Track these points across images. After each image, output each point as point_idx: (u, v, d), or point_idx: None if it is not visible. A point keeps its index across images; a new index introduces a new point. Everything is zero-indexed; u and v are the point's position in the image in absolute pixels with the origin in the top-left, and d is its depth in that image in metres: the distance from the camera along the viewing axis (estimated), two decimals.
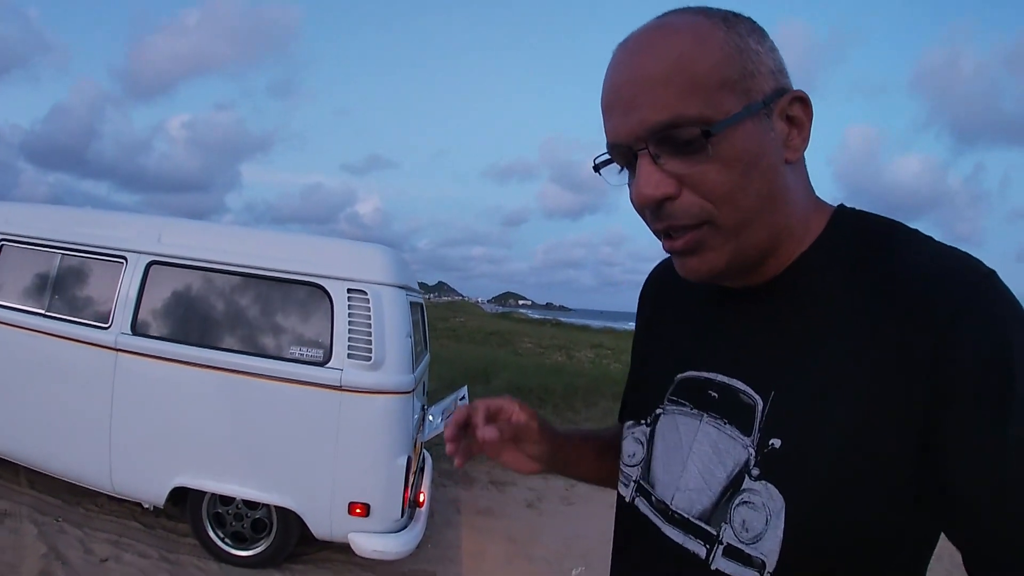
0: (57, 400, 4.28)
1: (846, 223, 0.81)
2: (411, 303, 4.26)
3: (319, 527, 3.92)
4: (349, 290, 3.84)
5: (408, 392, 3.93)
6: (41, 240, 4.50)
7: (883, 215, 0.80)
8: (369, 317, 3.80)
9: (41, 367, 4.35)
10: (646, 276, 1.11)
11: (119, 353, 4.08)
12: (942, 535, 0.74)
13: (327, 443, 3.80)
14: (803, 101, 0.77)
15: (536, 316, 61.42)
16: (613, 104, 0.75)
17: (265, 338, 3.99)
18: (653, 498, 0.88)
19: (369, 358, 3.77)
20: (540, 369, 12.85)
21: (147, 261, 4.15)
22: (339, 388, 3.78)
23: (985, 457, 0.65)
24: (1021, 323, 0.68)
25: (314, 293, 3.91)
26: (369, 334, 3.79)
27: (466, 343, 17.38)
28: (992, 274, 0.70)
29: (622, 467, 0.96)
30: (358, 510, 3.82)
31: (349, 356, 3.79)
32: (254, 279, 4.04)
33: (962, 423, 0.65)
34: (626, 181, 0.81)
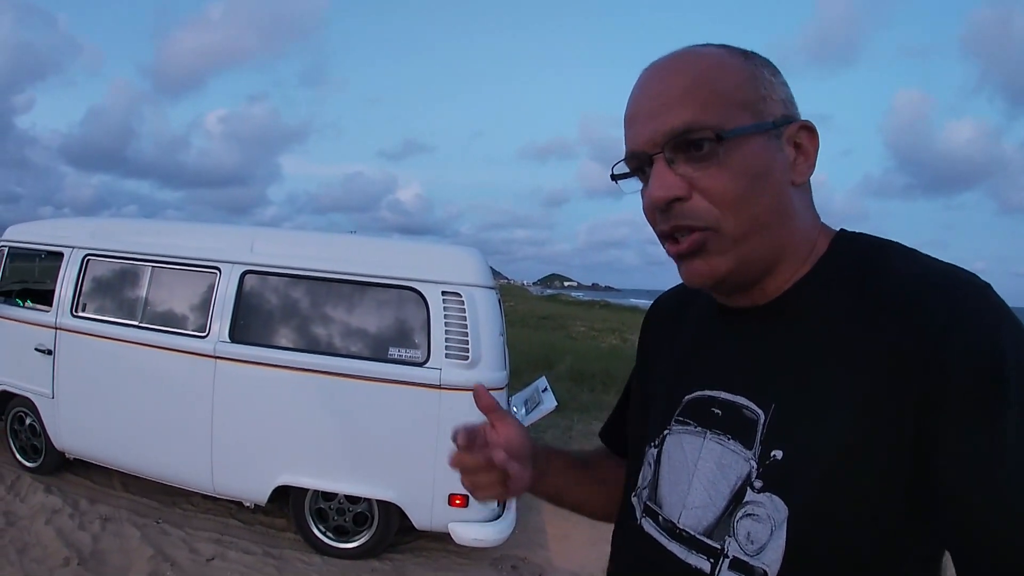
0: (156, 408, 4.46)
1: (846, 246, 0.85)
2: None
3: (420, 519, 4.11)
4: (444, 292, 4.01)
5: (503, 388, 4.12)
6: (130, 253, 4.66)
7: (882, 237, 0.84)
8: (464, 318, 3.97)
9: (136, 377, 4.53)
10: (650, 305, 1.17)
11: (218, 360, 4.26)
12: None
13: (428, 439, 3.97)
14: (810, 130, 0.83)
15: (584, 298, 60.76)
16: (636, 115, 0.82)
17: (363, 341, 4.17)
18: (660, 518, 0.90)
19: (466, 357, 3.95)
20: (598, 353, 13.00)
21: (241, 271, 4.31)
22: (438, 387, 3.95)
23: (977, 464, 0.67)
24: (1013, 333, 0.69)
25: (408, 296, 4.08)
26: (465, 334, 3.96)
27: (519, 328, 17.38)
28: (986, 287, 0.72)
29: (637, 490, 0.98)
30: (458, 501, 4.01)
31: (447, 356, 3.97)
32: (347, 284, 4.21)
33: (955, 431, 0.68)
34: (639, 190, 0.87)
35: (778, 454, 0.77)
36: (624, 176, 0.87)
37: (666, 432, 0.93)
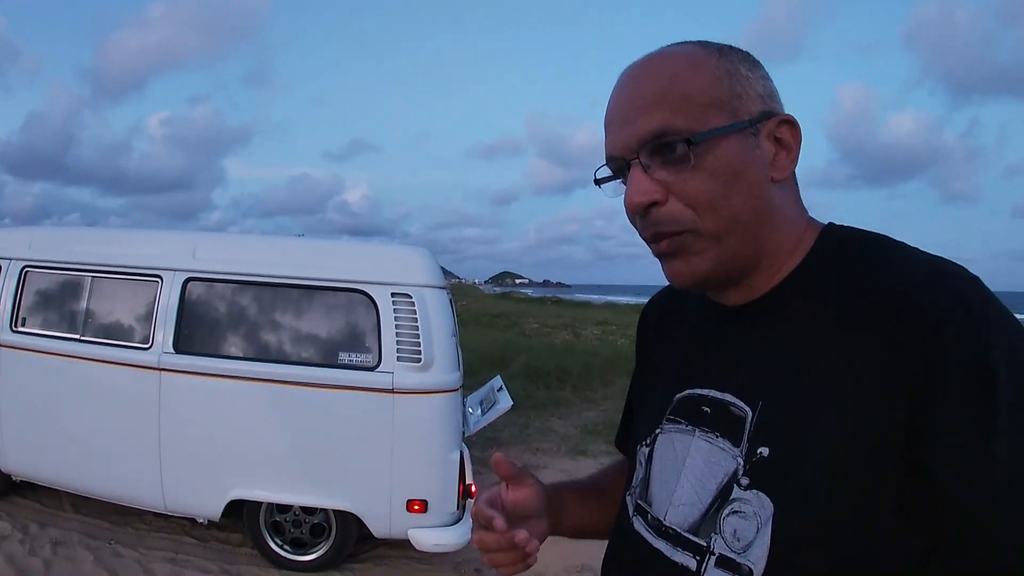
0: (101, 425, 4.31)
1: (833, 240, 0.84)
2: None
3: (379, 527, 4.02)
4: (393, 294, 3.92)
5: (457, 389, 4.04)
6: (69, 264, 4.50)
7: (870, 230, 0.84)
8: (415, 319, 3.89)
9: (80, 393, 4.38)
10: (645, 304, 1.16)
11: (163, 372, 4.12)
12: None
13: (383, 445, 3.90)
14: (791, 124, 0.82)
15: (535, 295, 61.55)
16: (612, 120, 0.83)
17: (312, 347, 4.07)
18: (649, 516, 0.90)
19: (419, 360, 3.86)
20: (552, 350, 13.02)
21: (184, 278, 4.18)
22: (391, 391, 3.87)
23: (968, 464, 0.66)
24: (1003, 328, 0.69)
25: (357, 299, 3.99)
26: (417, 336, 3.88)
27: (473, 327, 17.45)
28: (975, 281, 0.72)
29: (630, 489, 0.98)
30: (416, 507, 3.93)
31: (399, 359, 3.88)
32: (294, 289, 4.11)
33: (946, 431, 0.67)
34: (621, 193, 0.86)
35: (764, 451, 0.76)
36: (607, 180, 0.88)
37: (658, 431, 0.93)
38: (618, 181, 0.86)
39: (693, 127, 0.77)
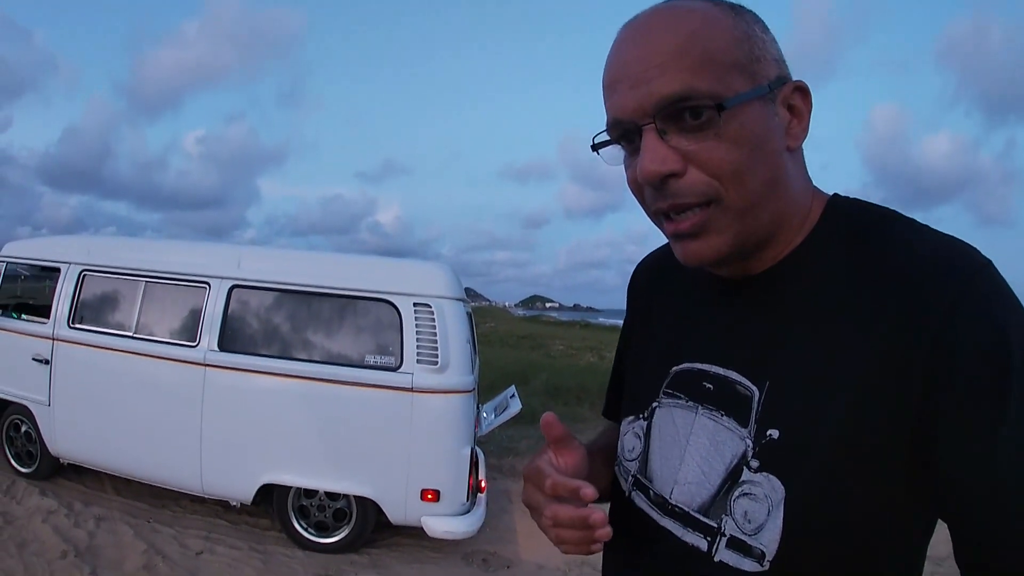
0: (148, 414, 4.78)
1: (842, 213, 0.80)
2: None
3: (395, 513, 4.44)
4: (415, 304, 4.39)
5: (470, 391, 4.48)
6: (124, 269, 5.00)
7: (879, 204, 0.80)
8: (434, 327, 4.35)
9: (130, 384, 4.84)
10: (633, 268, 1.10)
11: (207, 368, 4.59)
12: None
13: (401, 438, 4.34)
14: (803, 91, 0.77)
15: (564, 318, 61.45)
16: (619, 79, 0.75)
17: (341, 349, 4.53)
18: (651, 492, 0.87)
19: (436, 362, 4.32)
20: (574, 370, 13.35)
21: (230, 285, 4.67)
22: (411, 390, 4.32)
23: (979, 447, 0.65)
24: (1017, 313, 0.68)
25: (383, 308, 4.46)
26: (435, 342, 4.34)
27: (499, 347, 17.93)
28: (988, 264, 0.69)
29: (621, 462, 0.96)
30: (429, 496, 4.35)
31: (418, 361, 4.34)
32: (327, 297, 4.58)
33: (957, 413, 0.66)
34: (622, 162, 0.81)
35: (774, 433, 0.75)
36: (605, 144, 0.81)
37: (655, 405, 0.90)
38: (617, 147, 0.80)
39: (718, 90, 0.71)
